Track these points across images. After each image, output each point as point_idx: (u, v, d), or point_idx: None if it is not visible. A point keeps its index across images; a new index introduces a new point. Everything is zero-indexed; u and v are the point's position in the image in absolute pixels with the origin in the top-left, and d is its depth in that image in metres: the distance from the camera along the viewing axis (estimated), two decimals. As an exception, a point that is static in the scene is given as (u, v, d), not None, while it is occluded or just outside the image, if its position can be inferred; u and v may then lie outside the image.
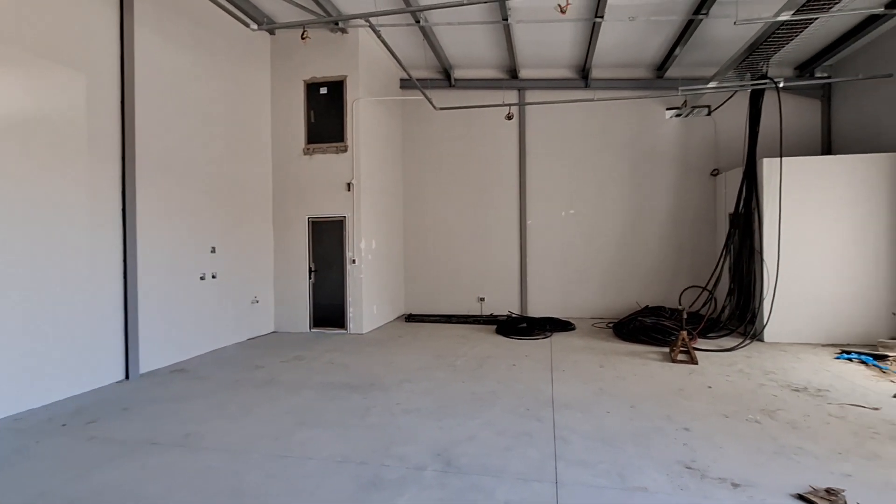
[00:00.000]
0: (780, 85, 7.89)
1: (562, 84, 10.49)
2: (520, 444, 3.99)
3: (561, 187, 10.62)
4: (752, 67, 8.34)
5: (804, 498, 3.08)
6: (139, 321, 6.17)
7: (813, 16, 6.44)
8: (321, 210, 9.02)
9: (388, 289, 10.27)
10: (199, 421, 4.61)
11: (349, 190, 8.87)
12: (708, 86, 8.68)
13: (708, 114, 9.84)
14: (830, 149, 9.42)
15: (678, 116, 10.02)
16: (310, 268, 9.08)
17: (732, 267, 8.62)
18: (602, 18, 7.65)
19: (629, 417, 4.57)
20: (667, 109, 10.07)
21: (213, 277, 7.58)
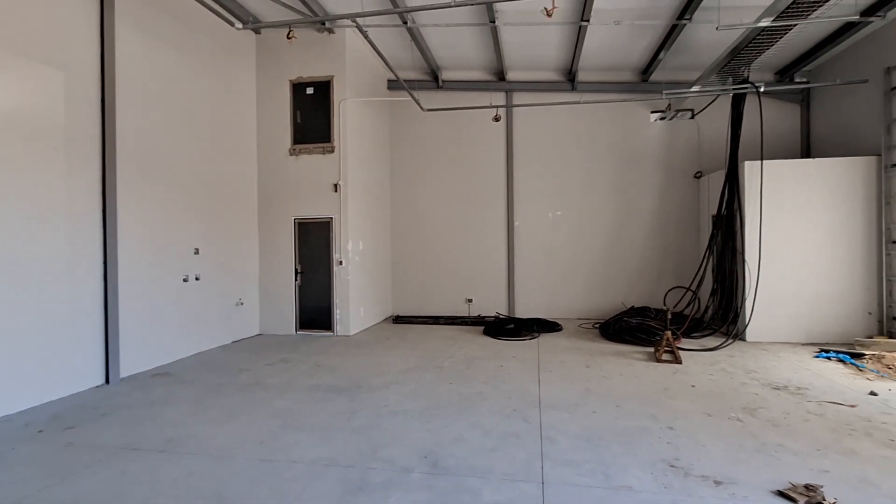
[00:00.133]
0: (761, 89, 8.05)
1: (549, 86, 10.57)
2: (507, 445, 3.99)
3: (548, 189, 10.69)
4: (734, 72, 8.52)
5: (784, 494, 3.15)
6: (120, 324, 6.04)
7: (792, 22, 6.60)
8: (308, 211, 8.95)
9: (376, 290, 10.23)
10: (182, 425, 4.53)
11: (336, 191, 8.81)
12: (691, 90, 8.83)
13: (691, 117, 10.01)
14: (809, 152, 9.65)
15: (662, 119, 10.16)
16: (296, 269, 9.00)
17: (715, 268, 8.77)
18: (588, 22, 7.72)
19: (615, 417, 4.61)
20: (651, 112, 10.21)
21: (197, 279, 7.47)
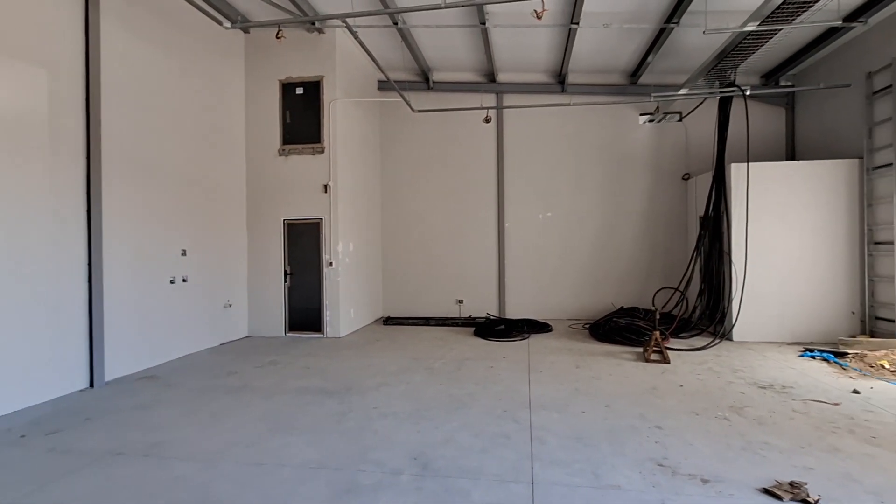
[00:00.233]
0: (747, 93, 8.17)
1: (539, 88, 10.62)
2: (497, 446, 4.00)
3: (538, 190, 10.74)
4: (721, 75, 8.64)
5: (769, 492, 3.19)
6: (105, 326, 5.94)
7: (777, 27, 6.72)
8: (297, 212, 8.88)
9: (366, 292, 10.19)
10: (168, 430, 4.46)
11: (326, 192, 8.76)
12: (679, 92, 8.94)
13: (679, 119, 10.14)
14: (794, 154, 9.82)
15: (651, 122, 10.29)
16: (285, 271, 8.93)
17: (703, 268, 8.88)
18: (577, 25, 7.78)
19: (604, 417, 4.64)
20: (640, 115, 10.32)
21: (184, 281, 7.37)
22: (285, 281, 8.93)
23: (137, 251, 6.55)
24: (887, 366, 6.07)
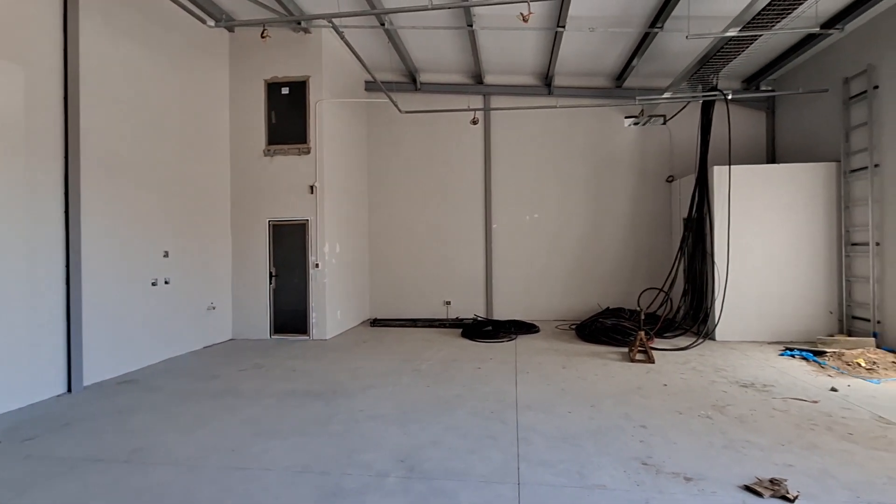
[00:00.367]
0: (729, 97, 8.33)
1: (526, 90, 10.69)
2: (484, 447, 4.00)
3: (525, 192, 10.80)
4: (704, 79, 8.80)
5: (750, 489, 3.24)
6: (83, 330, 5.80)
7: (757, 33, 6.87)
8: (283, 213, 8.79)
9: (353, 293, 10.12)
10: (149, 435, 4.37)
11: (312, 192, 8.69)
12: (663, 96, 9.07)
13: (663, 123, 10.28)
14: (774, 157, 10.03)
15: (636, 125, 10.42)
16: (271, 272, 8.83)
17: (687, 269, 9.01)
18: (563, 28, 7.85)
19: (589, 417, 4.67)
20: (625, 118, 10.44)
21: (167, 283, 7.24)
22: (270, 283, 8.82)
23: (118, 253, 6.41)
24: (863, 364, 6.23)
